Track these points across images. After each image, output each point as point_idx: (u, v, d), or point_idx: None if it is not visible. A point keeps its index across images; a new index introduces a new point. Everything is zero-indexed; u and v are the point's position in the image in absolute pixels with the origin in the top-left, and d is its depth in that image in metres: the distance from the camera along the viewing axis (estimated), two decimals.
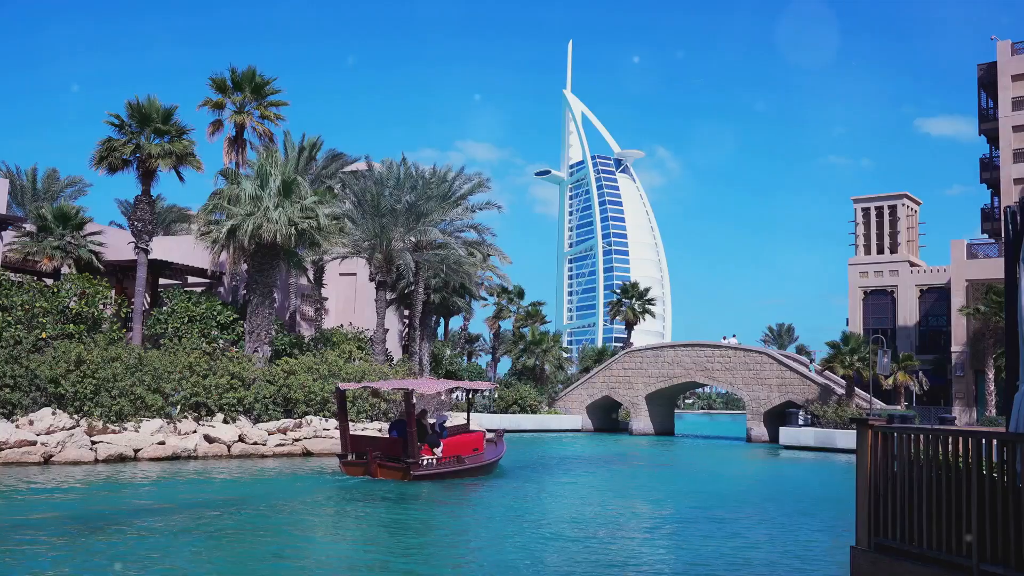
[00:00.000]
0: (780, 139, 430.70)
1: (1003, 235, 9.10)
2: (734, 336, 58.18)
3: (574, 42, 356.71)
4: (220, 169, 37.16)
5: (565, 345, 71.24)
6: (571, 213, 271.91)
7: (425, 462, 22.58)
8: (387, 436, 24.64)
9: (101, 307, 32.70)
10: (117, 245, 38.27)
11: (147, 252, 35.09)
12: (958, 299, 51.64)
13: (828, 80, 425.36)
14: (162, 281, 41.92)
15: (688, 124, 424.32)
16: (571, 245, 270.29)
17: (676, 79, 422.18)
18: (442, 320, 61.37)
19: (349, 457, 23.65)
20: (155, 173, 35.23)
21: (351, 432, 24.97)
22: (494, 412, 51.16)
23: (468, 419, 28.93)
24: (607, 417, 59.72)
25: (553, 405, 58.30)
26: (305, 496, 19.96)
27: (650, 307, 69.70)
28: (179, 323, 34.24)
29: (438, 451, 23.32)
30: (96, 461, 24.51)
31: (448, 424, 26.09)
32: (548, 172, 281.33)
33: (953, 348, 52.01)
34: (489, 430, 28.22)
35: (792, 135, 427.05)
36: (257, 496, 19.75)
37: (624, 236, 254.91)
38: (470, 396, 35.88)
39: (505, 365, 68.01)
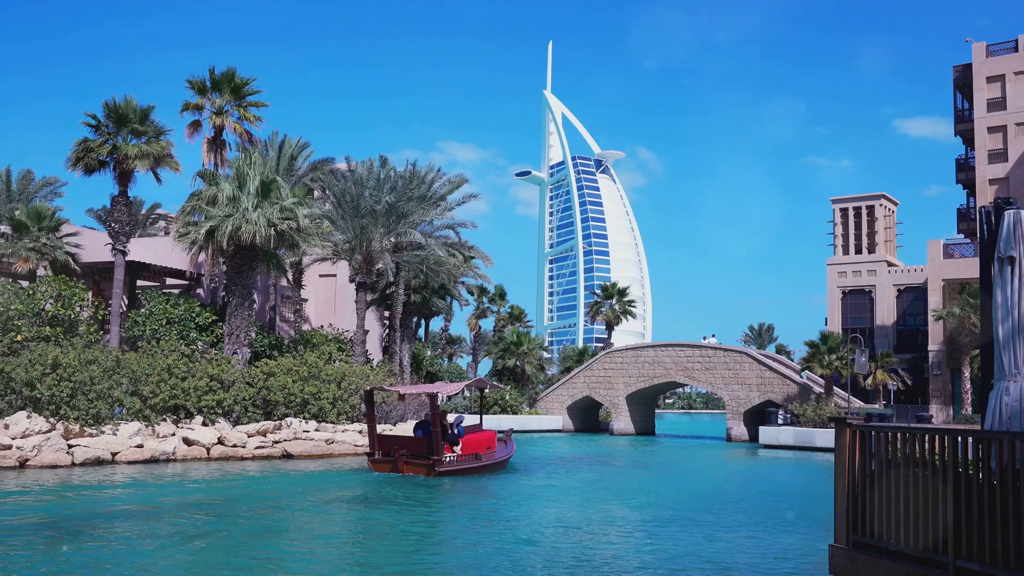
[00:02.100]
0: (763, 140, 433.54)
1: (978, 235, 9.19)
2: (713, 336, 58.45)
3: (554, 43, 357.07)
4: (199, 170, 36.91)
5: (546, 345, 71.27)
6: (552, 214, 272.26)
7: (447, 459, 24.37)
8: (412, 436, 26.27)
9: (78, 309, 32.40)
10: (94, 247, 37.94)
11: (124, 254, 34.81)
12: (935, 299, 52.13)
13: (811, 80, 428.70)
14: (140, 283, 41.60)
15: (670, 125, 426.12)
16: (552, 246, 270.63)
17: (659, 80, 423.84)
18: (423, 321, 61.27)
19: (376, 455, 25.23)
20: (132, 174, 34.99)
21: (379, 432, 26.67)
22: (475, 412, 51.06)
23: (481, 419, 30.54)
24: (588, 417, 59.80)
25: (534, 406, 58.32)
26: (348, 490, 21.17)
27: (630, 307, 69.87)
28: (157, 325, 33.98)
29: (458, 449, 25.30)
30: (73, 465, 24.26)
31: (463, 424, 27.80)
32: (529, 173, 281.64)
33: (930, 347, 52.50)
34: (499, 431, 29.80)
35: (774, 135, 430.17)
36: (286, 494, 20.50)
37: (604, 237, 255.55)
38: (484, 397, 36.53)
39: (486, 366, 68.00)
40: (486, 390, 48.32)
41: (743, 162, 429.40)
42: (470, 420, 31.72)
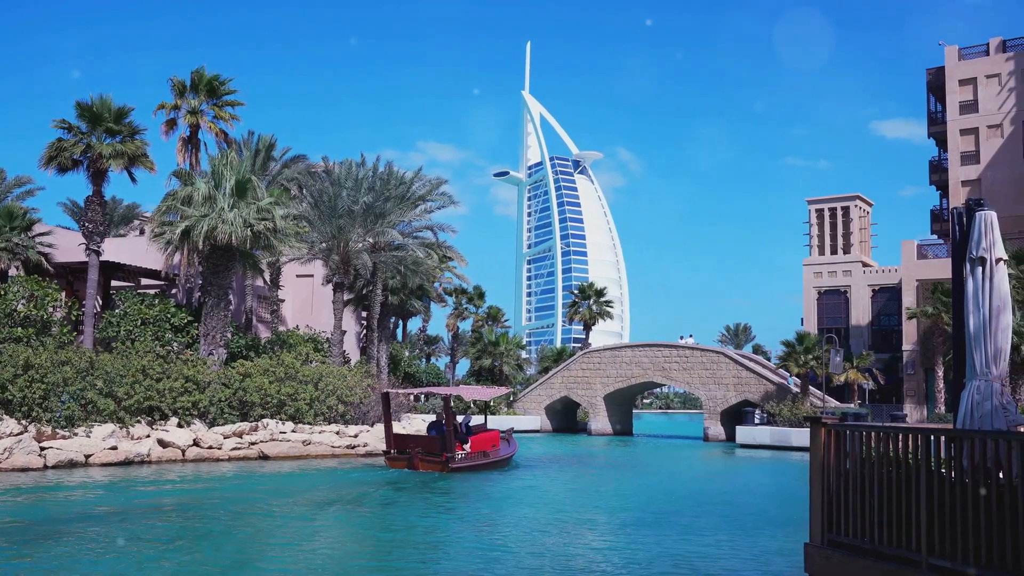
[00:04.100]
0: (740, 140, 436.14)
1: (951, 236, 9.29)
2: (691, 336, 58.82)
3: (533, 44, 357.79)
4: (174, 170, 36.62)
5: (524, 345, 71.29)
6: (530, 214, 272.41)
7: (459, 457, 26.02)
8: (426, 435, 27.88)
9: (50, 310, 32.03)
10: (67, 246, 37.54)
11: (98, 254, 34.46)
12: (908, 299, 52.66)
13: (787, 81, 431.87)
14: (114, 283, 41.20)
15: (649, 125, 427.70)
16: (530, 246, 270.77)
17: (639, 79, 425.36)
18: (400, 322, 61.16)
19: (392, 453, 26.86)
20: (106, 174, 34.65)
21: (394, 431, 28.17)
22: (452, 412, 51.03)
23: (485, 419, 32.58)
24: (566, 417, 59.85)
25: (512, 406, 58.29)
26: (367, 487, 22.47)
27: (608, 308, 70.04)
28: (132, 326, 33.65)
29: (467, 447, 26.87)
30: (45, 467, 23.98)
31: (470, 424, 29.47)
32: (507, 173, 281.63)
33: (904, 347, 53.02)
34: (502, 430, 31.33)
35: (752, 136, 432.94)
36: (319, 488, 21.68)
37: (582, 237, 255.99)
38: (488, 401, 38.07)
39: (464, 366, 67.99)
40: (490, 402, 49.73)
41: (722, 162, 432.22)
42: (475, 420, 33.42)
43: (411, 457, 26.17)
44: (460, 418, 29.42)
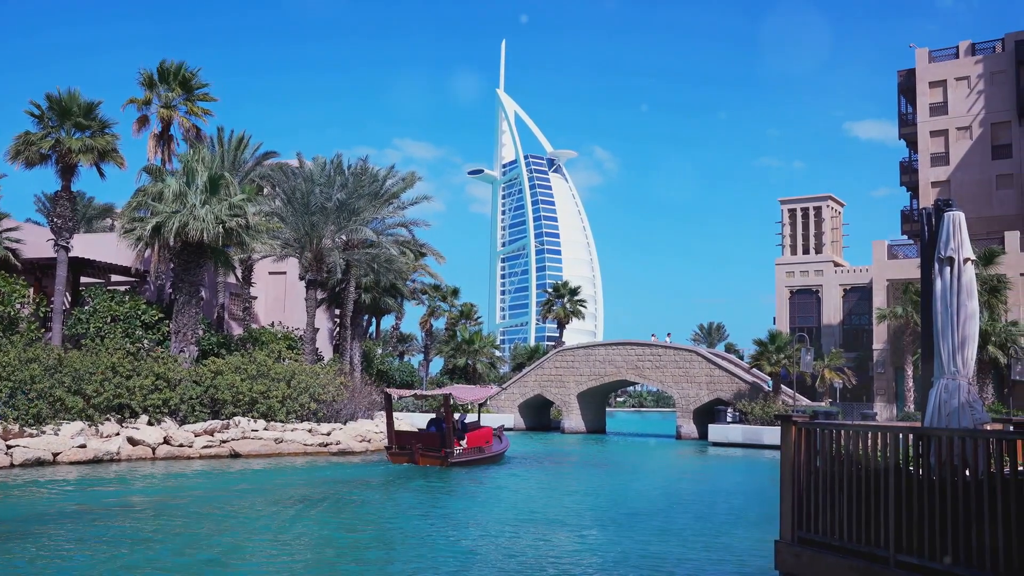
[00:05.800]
0: (717, 141, 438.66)
1: (920, 237, 9.39)
2: (668, 335, 58.97)
3: (508, 42, 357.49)
4: (145, 165, 36.19)
5: (498, 344, 71.29)
6: (504, 212, 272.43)
7: (456, 452, 27.52)
8: (425, 431, 29.59)
9: (18, 306, 31.60)
10: (36, 242, 37.05)
11: (67, 250, 34.02)
12: (879, 298, 53.24)
13: (766, 81, 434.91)
14: (84, 280, 40.68)
15: (626, 124, 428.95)
16: (504, 244, 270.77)
17: (616, 78, 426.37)
18: (373, 319, 60.92)
19: (394, 448, 28.27)
20: (76, 168, 34.19)
21: (396, 428, 29.61)
22: (426, 411, 50.94)
23: (479, 417, 34.13)
24: (539, 415, 59.93)
25: (485, 404, 58.24)
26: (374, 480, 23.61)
27: (581, 306, 70.17)
28: (101, 323, 33.27)
29: (463, 443, 28.33)
30: (12, 466, 23.64)
31: (465, 421, 31.08)
32: (481, 171, 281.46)
33: (874, 346, 53.61)
34: (494, 428, 32.46)
35: (728, 137, 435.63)
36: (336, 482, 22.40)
37: (556, 236, 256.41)
38: (484, 401, 40.11)
39: (437, 365, 67.82)
40: (484, 403, 50.55)
41: (698, 162, 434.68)
42: (469, 418, 34.68)
43: (412, 452, 27.68)
44: (456, 416, 30.70)
